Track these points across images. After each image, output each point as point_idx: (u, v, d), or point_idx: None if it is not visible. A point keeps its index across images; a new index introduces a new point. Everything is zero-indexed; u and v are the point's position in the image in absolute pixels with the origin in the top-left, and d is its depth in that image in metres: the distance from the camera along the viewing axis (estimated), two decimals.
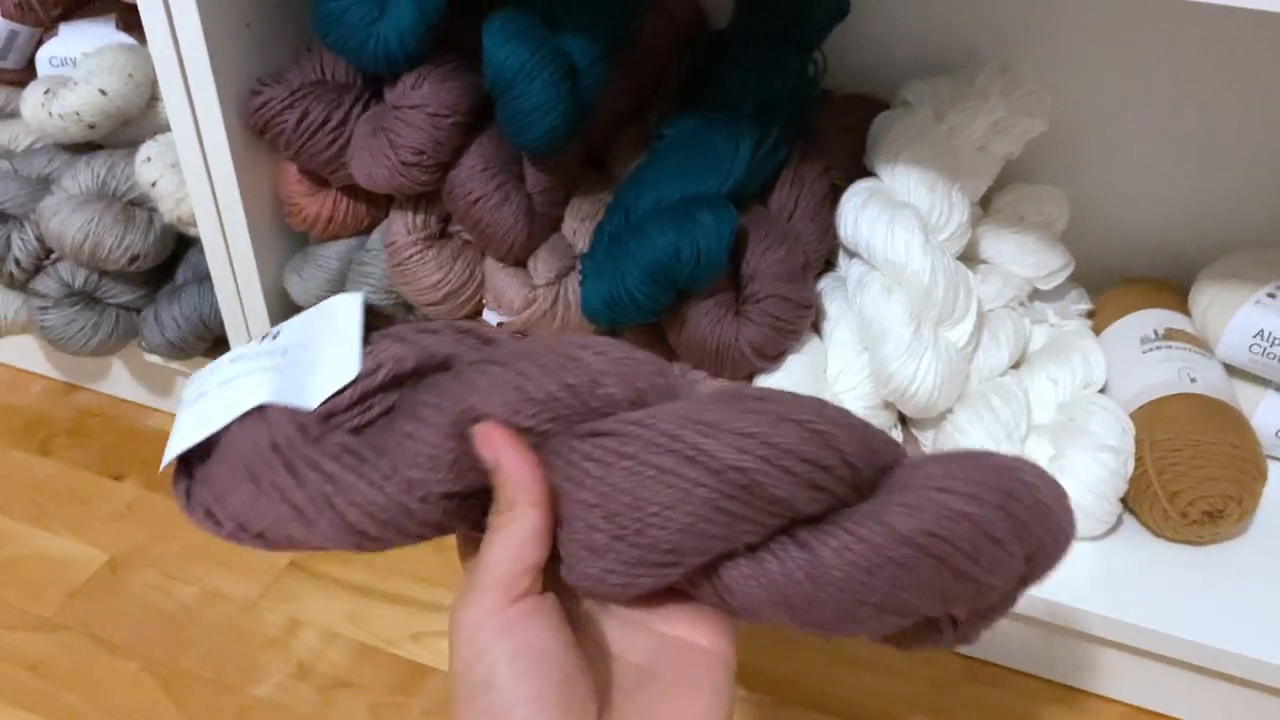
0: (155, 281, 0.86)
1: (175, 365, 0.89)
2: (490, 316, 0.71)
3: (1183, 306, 0.80)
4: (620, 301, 0.66)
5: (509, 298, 0.69)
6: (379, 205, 0.75)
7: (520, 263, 0.71)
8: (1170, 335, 0.76)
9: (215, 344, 0.86)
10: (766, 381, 0.70)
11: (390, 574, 0.82)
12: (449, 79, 0.67)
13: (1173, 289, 0.82)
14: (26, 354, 1.00)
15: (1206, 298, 0.77)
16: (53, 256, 0.83)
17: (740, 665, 0.75)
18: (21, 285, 0.84)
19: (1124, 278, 0.86)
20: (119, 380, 0.98)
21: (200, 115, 0.70)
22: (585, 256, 0.67)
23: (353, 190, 0.74)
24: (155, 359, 0.88)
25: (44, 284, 0.83)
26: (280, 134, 0.70)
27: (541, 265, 0.69)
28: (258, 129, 0.70)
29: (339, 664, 0.75)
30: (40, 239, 0.81)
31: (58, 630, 0.77)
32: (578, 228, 0.71)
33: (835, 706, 0.73)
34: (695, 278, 0.65)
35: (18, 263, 0.82)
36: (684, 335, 0.69)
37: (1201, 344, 0.76)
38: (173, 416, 0.95)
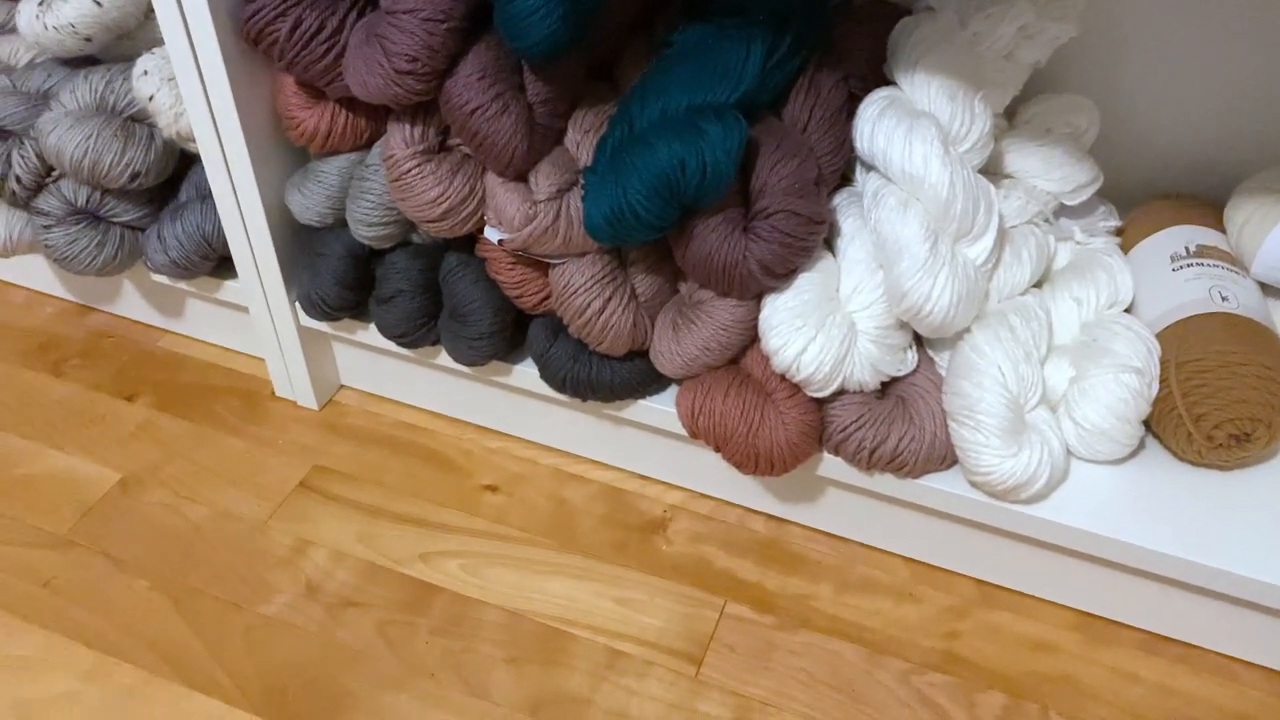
0: (160, 200, 0.85)
1: (184, 286, 0.88)
2: (491, 234, 0.69)
3: (1217, 223, 0.76)
4: (623, 217, 0.63)
5: (509, 214, 0.67)
6: (379, 118, 0.73)
7: (521, 177, 0.68)
8: (1202, 252, 0.73)
9: (220, 263, 0.85)
10: (777, 300, 0.67)
11: (400, 495, 0.82)
12: None
13: (1207, 205, 0.79)
14: (40, 276, 1.00)
15: (1243, 213, 0.73)
16: (54, 174, 0.81)
17: (747, 585, 0.75)
18: (24, 204, 0.83)
19: (1156, 193, 0.82)
20: (131, 302, 0.97)
21: (193, 26, 0.68)
22: (587, 170, 0.65)
23: (351, 103, 0.72)
24: (162, 279, 0.87)
25: (46, 202, 0.82)
26: (274, 44, 0.67)
27: (543, 179, 0.67)
28: (251, 39, 0.68)
29: (348, 583, 0.76)
30: (40, 156, 0.80)
31: (70, 548, 0.78)
32: (581, 140, 0.68)
33: (846, 631, 0.72)
34: (701, 192, 0.63)
35: (19, 180, 0.81)
36: (690, 253, 0.66)
37: (1235, 262, 0.73)
38: (184, 338, 0.95)
